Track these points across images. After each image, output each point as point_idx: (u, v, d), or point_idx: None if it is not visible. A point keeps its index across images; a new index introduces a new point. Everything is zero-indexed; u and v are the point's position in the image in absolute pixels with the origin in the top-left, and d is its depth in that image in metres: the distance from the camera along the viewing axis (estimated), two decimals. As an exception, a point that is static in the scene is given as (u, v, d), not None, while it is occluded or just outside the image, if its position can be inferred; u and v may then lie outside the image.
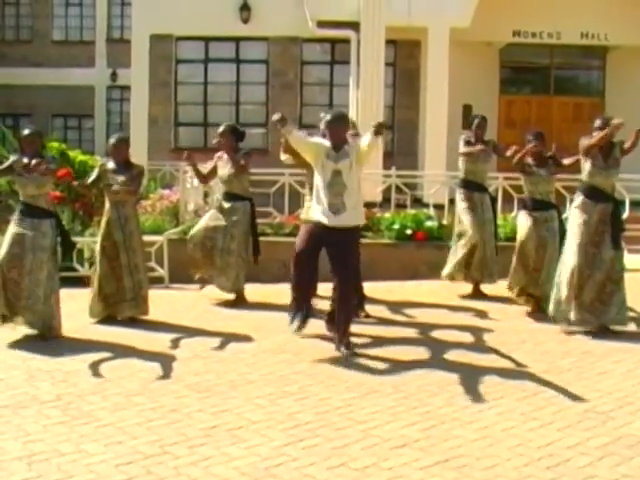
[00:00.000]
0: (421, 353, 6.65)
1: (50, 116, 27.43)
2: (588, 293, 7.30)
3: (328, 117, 6.77)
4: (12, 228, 6.95)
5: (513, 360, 6.45)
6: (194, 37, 17.33)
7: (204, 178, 8.93)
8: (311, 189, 7.03)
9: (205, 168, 8.80)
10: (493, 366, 6.24)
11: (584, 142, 7.36)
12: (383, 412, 5.17)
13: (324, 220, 6.52)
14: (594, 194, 7.36)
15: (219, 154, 8.61)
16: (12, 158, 7.11)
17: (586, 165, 7.40)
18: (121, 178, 7.63)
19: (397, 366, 6.21)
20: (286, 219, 10.89)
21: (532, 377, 5.98)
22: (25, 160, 6.91)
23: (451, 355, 6.57)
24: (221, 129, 8.55)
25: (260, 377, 5.92)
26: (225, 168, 8.49)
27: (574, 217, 7.43)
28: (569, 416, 5.14)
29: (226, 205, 8.50)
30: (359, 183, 6.65)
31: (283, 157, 7.84)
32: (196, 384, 5.72)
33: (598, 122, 7.43)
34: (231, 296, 8.62)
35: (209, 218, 8.64)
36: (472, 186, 8.97)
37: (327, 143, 6.60)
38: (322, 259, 6.73)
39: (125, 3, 26.22)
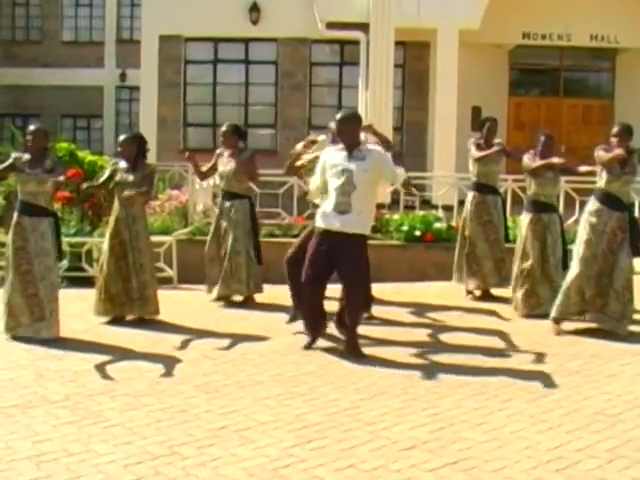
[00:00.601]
0: (430, 355, 6.64)
1: (59, 116, 27.49)
2: (603, 299, 7.30)
3: (338, 116, 6.65)
4: (13, 239, 6.90)
5: (522, 362, 6.44)
6: (203, 38, 17.35)
7: (203, 174, 8.94)
8: None
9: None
10: (501, 368, 6.23)
11: (602, 155, 7.24)
12: (392, 414, 5.16)
13: (327, 224, 6.45)
14: (611, 201, 7.30)
15: (219, 151, 8.62)
16: (13, 155, 7.04)
17: (603, 173, 7.35)
18: (131, 177, 7.63)
19: (406, 368, 6.20)
20: (295, 220, 10.90)
21: (541, 379, 5.96)
22: (27, 157, 6.89)
23: (459, 357, 6.55)
24: (223, 128, 8.56)
25: (269, 378, 5.92)
26: (226, 166, 8.47)
27: (587, 224, 7.38)
28: (578, 419, 5.12)
29: (226, 204, 8.50)
30: (373, 190, 6.56)
31: (298, 147, 7.78)
32: (205, 385, 5.72)
33: (615, 129, 7.33)
34: (240, 297, 8.63)
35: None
36: (485, 189, 8.94)
37: (336, 152, 6.53)
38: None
39: (135, 4, 26.30)
